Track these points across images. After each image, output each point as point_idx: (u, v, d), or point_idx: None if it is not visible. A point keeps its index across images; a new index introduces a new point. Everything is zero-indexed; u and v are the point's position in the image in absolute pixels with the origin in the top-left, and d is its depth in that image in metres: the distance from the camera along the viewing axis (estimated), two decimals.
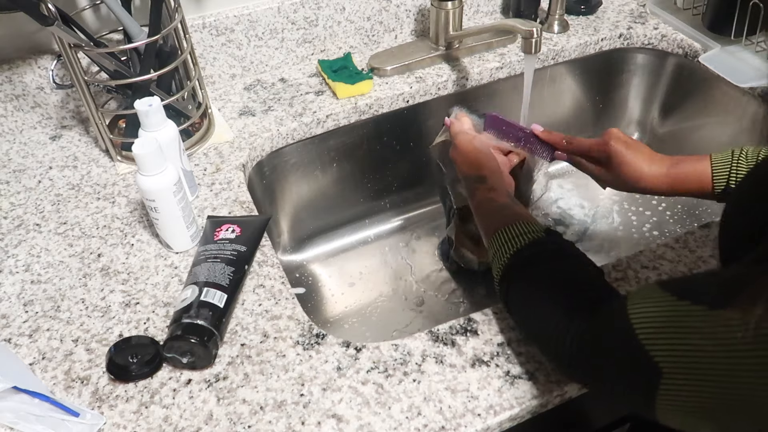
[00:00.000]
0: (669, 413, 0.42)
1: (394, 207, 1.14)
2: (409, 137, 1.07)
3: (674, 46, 1.10)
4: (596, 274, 0.59)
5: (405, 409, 0.60)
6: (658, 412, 0.42)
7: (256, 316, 0.69)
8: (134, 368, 0.63)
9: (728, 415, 0.38)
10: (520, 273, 0.60)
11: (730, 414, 0.38)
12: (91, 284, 0.73)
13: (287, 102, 0.99)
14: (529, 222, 0.63)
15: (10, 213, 0.83)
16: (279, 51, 1.04)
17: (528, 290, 0.59)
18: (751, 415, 0.38)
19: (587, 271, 0.59)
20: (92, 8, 0.91)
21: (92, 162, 0.91)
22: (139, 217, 0.81)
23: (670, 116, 1.18)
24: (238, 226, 0.74)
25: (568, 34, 1.11)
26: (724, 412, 0.38)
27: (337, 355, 0.65)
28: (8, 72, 0.90)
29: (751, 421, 0.38)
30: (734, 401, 0.38)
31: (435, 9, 1.02)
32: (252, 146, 0.92)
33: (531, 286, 0.59)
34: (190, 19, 0.94)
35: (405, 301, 1.01)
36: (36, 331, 0.69)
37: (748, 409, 0.37)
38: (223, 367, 0.64)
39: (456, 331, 0.66)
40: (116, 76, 0.85)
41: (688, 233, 0.76)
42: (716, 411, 0.39)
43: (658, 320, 0.42)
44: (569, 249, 0.61)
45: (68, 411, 0.59)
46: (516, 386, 0.61)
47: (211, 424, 0.60)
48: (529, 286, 0.59)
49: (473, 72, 1.05)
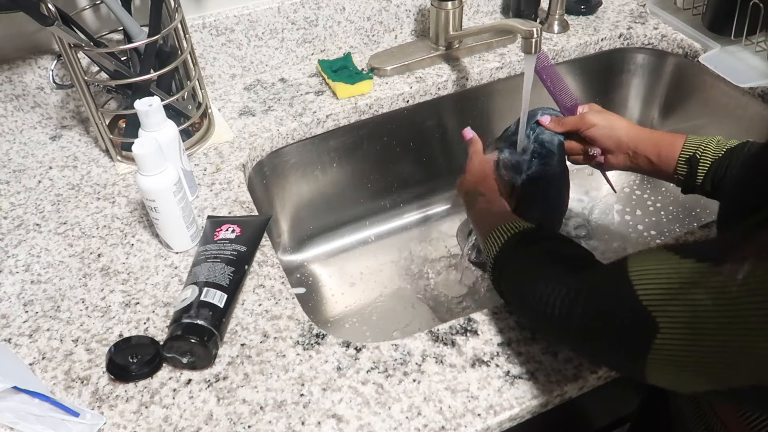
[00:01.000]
0: (660, 370, 0.42)
1: (394, 207, 1.14)
2: (409, 137, 1.07)
3: (674, 46, 1.10)
4: (585, 251, 0.60)
5: (405, 409, 0.60)
6: (648, 369, 0.43)
7: (256, 316, 0.69)
8: (134, 368, 0.63)
9: (727, 368, 0.39)
10: (511, 256, 0.62)
11: (728, 367, 0.39)
12: (91, 284, 0.73)
13: (287, 102, 0.99)
14: (518, 220, 0.65)
15: (10, 213, 0.83)
16: (279, 51, 1.04)
17: (519, 268, 0.60)
18: (750, 367, 0.38)
19: (577, 247, 0.60)
20: (92, 8, 0.91)
21: (92, 162, 0.91)
22: (139, 217, 0.81)
23: (670, 116, 1.18)
24: (238, 226, 0.74)
25: (568, 34, 1.11)
26: (723, 365, 0.39)
27: (337, 355, 0.65)
28: (8, 72, 0.90)
29: (749, 373, 0.38)
30: (733, 354, 0.38)
31: (435, 9, 1.02)
32: (252, 146, 0.92)
33: (522, 264, 0.60)
34: (190, 19, 0.94)
35: (405, 300, 1.01)
36: (36, 331, 0.69)
37: (747, 361, 0.38)
38: (223, 367, 0.64)
39: (456, 331, 0.66)
40: (116, 76, 0.85)
41: (688, 233, 0.76)
42: (714, 365, 0.39)
43: (658, 277, 0.42)
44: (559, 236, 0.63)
45: (68, 411, 0.59)
46: (516, 386, 0.61)
47: (211, 424, 0.60)
48: (520, 264, 0.61)
49: (473, 72, 1.05)
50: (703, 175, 0.74)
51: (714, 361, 0.39)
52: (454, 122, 1.10)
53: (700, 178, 0.74)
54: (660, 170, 0.79)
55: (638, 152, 0.79)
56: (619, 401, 0.79)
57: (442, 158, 1.13)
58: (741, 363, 0.38)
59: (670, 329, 0.40)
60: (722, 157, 0.73)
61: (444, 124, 1.09)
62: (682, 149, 0.76)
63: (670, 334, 0.40)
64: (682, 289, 0.40)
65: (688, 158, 0.75)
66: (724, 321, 0.38)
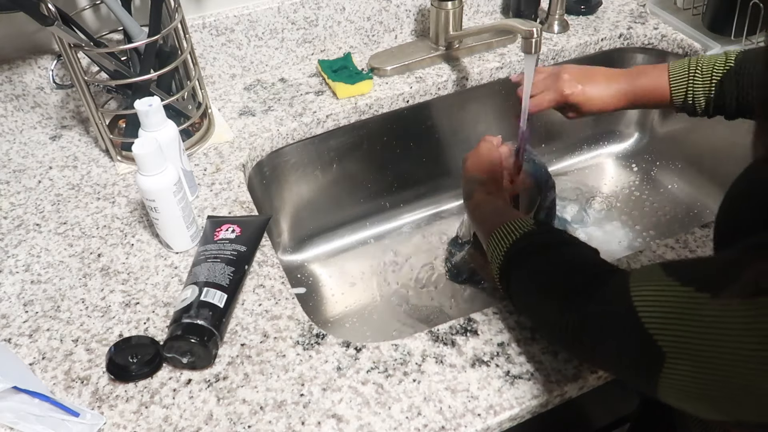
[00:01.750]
0: (670, 394, 0.42)
1: (394, 207, 1.14)
2: (409, 137, 1.07)
3: (674, 46, 1.10)
4: (592, 255, 0.59)
5: (405, 409, 0.60)
6: (660, 391, 0.42)
7: (256, 316, 0.69)
8: (134, 368, 0.63)
9: (731, 403, 0.38)
10: (518, 266, 0.61)
11: (732, 403, 0.38)
12: (91, 284, 0.73)
13: (287, 102, 0.99)
14: (521, 218, 0.64)
15: (10, 213, 0.83)
16: (279, 51, 1.04)
17: (527, 281, 0.60)
18: (754, 405, 0.37)
19: (583, 254, 0.59)
20: (92, 8, 0.91)
21: (92, 162, 0.91)
22: (139, 217, 0.81)
23: (670, 116, 1.18)
24: (238, 226, 0.74)
25: (568, 34, 1.11)
26: (728, 399, 0.38)
27: (337, 355, 0.65)
28: (8, 72, 0.90)
29: (754, 410, 0.38)
30: (736, 390, 0.38)
31: (435, 9, 1.02)
32: (252, 146, 0.92)
33: (530, 277, 0.60)
34: (190, 19, 0.94)
35: (406, 301, 1.01)
36: (36, 331, 0.69)
37: (751, 399, 0.37)
38: (223, 367, 0.64)
39: (456, 331, 0.66)
40: (116, 76, 0.85)
41: (688, 233, 0.76)
42: (719, 398, 0.39)
43: (662, 305, 0.41)
44: (562, 236, 0.62)
45: (68, 411, 0.59)
46: (516, 386, 0.61)
47: (211, 424, 0.60)
48: (527, 276, 0.60)
49: (473, 72, 1.05)
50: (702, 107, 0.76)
51: (719, 394, 0.39)
52: (454, 122, 1.10)
53: (699, 110, 0.76)
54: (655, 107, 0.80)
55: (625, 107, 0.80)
56: (619, 401, 0.79)
57: (442, 158, 1.13)
58: (745, 400, 0.38)
59: (676, 360, 0.40)
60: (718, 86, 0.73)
61: (444, 124, 1.09)
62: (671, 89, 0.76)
63: (676, 364, 0.40)
64: (683, 320, 0.40)
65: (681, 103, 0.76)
66: (727, 357, 0.37)
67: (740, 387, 0.37)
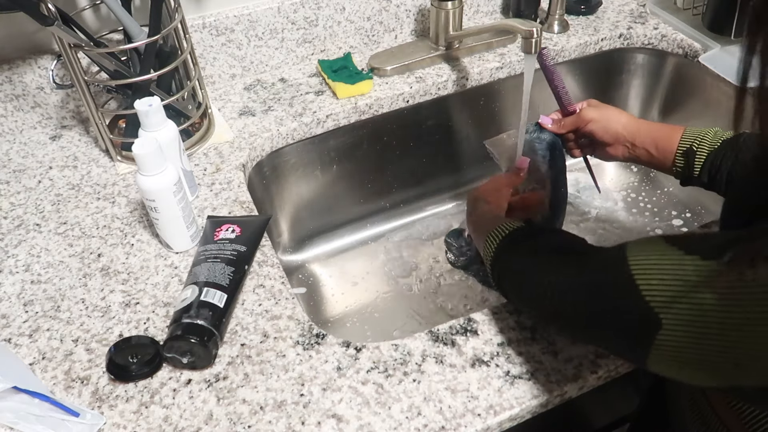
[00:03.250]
0: (662, 363, 0.42)
1: (394, 207, 1.14)
2: (409, 137, 1.07)
3: (674, 46, 1.10)
4: (581, 239, 0.60)
5: (405, 409, 0.60)
6: (650, 359, 0.42)
7: (256, 316, 0.69)
8: (134, 368, 0.63)
9: (732, 368, 0.38)
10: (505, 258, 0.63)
11: (734, 367, 0.38)
12: (91, 284, 0.73)
13: (287, 102, 0.99)
14: (510, 221, 0.66)
15: (10, 213, 0.83)
16: (279, 51, 1.04)
17: (516, 269, 0.61)
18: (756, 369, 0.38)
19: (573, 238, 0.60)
20: (92, 8, 0.91)
21: (92, 162, 0.91)
22: (139, 217, 0.81)
23: (670, 116, 1.18)
24: (238, 226, 0.74)
25: (568, 34, 1.11)
26: (728, 365, 0.38)
27: (337, 355, 0.65)
28: (8, 72, 0.90)
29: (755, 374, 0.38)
30: (739, 355, 0.38)
31: (435, 9, 1.02)
32: (252, 146, 0.92)
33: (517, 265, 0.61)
34: (190, 19, 0.94)
35: (406, 300, 1.01)
36: (36, 331, 0.69)
37: (754, 362, 0.37)
38: (223, 367, 0.64)
39: (456, 331, 0.66)
40: (116, 76, 0.85)
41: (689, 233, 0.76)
42: (719, 364, 0.39)
43: (662, 273, 0.41)
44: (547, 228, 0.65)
45: (68, 411, 0.59)
46: (516, 386, 0.61)
47: (211, 424, 0.60)
48: (516, 265, 0.61)
49: (473, 72, 1.05)
50: (699, 166, 0.75)
51: (719, 360, 0.39)
52: (454, 122, 1.10)
53: (697, 170, 0.75)
54: (658, 162, 0.80)
55: (636, 144, 0.80)
56: (619, 401, 0.79)
57: (442, 158, 1.13)
58: (747, 364, 0.38)
59: (674, 327, 0.40)
60: (718, 149, 0.74)
61: (444, 124, 1.09)
62: (679, 141, 0.77)
63: (673, 332, 0.40)
64: (686, 288, 0.40)
65: (684, 150, 0.76)
66: (730, 322, 0.37)
67: (747, 352, 0.37)
